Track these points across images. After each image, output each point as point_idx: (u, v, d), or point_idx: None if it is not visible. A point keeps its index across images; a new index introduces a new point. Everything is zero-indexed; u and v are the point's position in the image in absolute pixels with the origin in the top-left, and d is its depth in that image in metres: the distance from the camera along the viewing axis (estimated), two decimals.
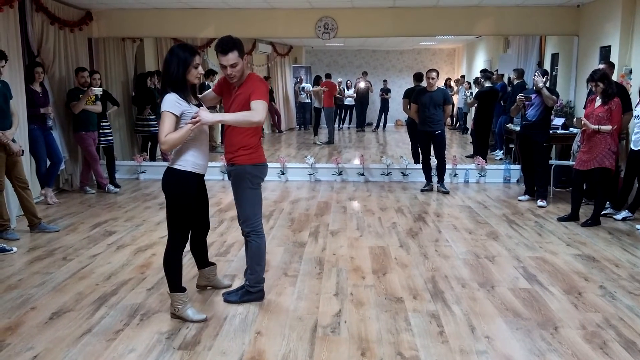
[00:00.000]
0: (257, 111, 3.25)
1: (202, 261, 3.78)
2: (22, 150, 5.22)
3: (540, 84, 6.22)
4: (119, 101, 8.09)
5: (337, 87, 14.32)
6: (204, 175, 3.39)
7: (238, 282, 3.99)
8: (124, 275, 4.15)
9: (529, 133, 6.50)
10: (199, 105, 3.27)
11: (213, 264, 3.86)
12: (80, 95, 6.81)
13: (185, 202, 3.27)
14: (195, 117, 3.10)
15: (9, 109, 5.18)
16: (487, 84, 9.45)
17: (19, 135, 5.59)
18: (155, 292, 3.83)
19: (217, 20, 8.03)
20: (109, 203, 6.66)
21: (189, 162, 3.23)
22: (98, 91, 6.87)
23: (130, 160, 8.53)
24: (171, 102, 3.09)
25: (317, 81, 13.27)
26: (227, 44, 3.27)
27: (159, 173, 8.85)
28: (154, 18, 8.04)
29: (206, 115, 3.15)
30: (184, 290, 3.39)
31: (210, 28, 8.14)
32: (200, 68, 3.21)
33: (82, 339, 3.13)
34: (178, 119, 3.13)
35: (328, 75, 13.75)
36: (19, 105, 5.73)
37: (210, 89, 3.72)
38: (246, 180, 3.45)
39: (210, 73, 11.05)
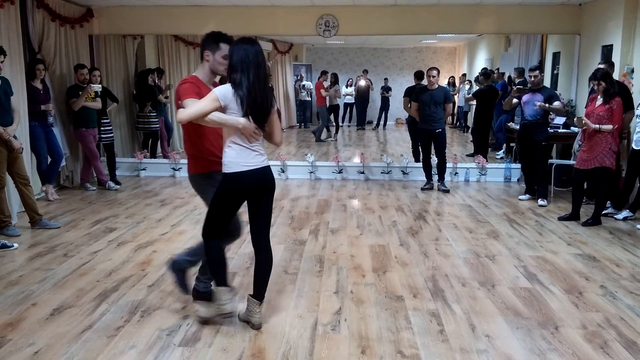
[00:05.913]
0: None
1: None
2: (22, 147, 5.22)
3: (546, 106, 6.23)
4: (120, 98, 8.09)
5: (324, 86, 13.72)
6: None
7: (238, 280, 3.99)
8: (125, 272, 4.15)
9: (528, 132, 6.50)
10: None
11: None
12: (80, 92, 6.81)
13: None
14: None
15: (10, 105, 5.17)
16: (486, 83, 9.41)
17: (19, 131, 5.58)
18: (155, 288, 3.83)
19: (217, 17, 8.01)
20: (109, 200, 6.66)
21: None
22: (97, 88, 6.89)
23: (131, 157, 8.53)
24: None
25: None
26: None
27: (160, 170, 8.75)
28: (155, 15, 8.02)
29: None
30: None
31: (211, 25, 8.01)
32: None
33: (83, 335, 3.13)
34: None
35: (323, 72, 13.42)
36: (19, 101, 5.73)
37: None
38: None
39: None
